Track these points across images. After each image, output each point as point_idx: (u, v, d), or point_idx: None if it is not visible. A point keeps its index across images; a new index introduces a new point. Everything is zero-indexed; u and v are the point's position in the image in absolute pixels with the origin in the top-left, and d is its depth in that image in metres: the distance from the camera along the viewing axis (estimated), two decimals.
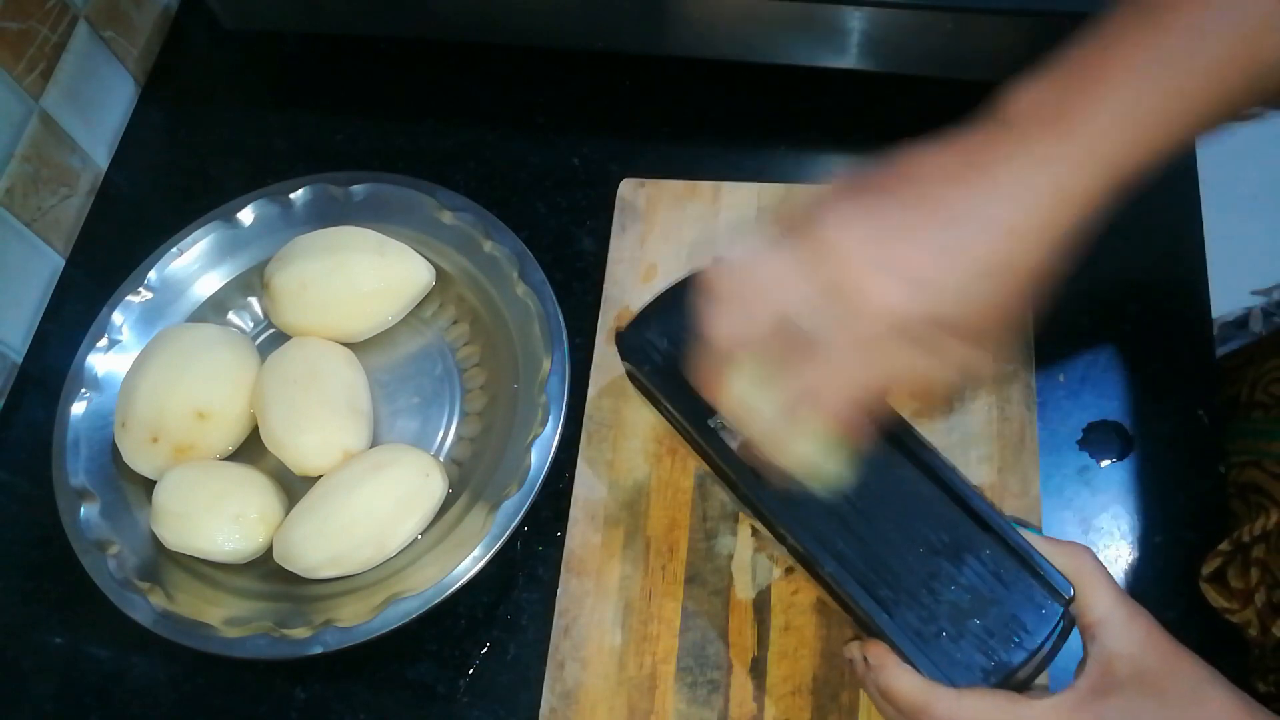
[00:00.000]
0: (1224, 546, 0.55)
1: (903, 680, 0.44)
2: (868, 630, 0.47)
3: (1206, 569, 0.56)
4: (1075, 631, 0.45)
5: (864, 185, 0.43)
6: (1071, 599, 0.44)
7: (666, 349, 0.53)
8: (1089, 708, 0.41)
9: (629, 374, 0.56)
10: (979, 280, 0.41)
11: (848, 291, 0.40)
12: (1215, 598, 0.55)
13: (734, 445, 0.51)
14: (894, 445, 0.49)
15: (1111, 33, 0.42)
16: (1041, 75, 0.42)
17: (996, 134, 0.42)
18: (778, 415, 0.43)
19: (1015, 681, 0.44)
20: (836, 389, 0.42)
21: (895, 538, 0.47)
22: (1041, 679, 0.46)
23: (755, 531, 0.58)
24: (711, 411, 0.51)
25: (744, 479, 0.50)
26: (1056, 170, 0.41)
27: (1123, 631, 0.43)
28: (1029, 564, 0.45)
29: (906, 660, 0.45)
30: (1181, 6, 0.41)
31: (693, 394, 0.51)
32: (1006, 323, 0.43)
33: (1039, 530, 0.49)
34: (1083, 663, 0.43)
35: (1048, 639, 0.44)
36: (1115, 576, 0.49)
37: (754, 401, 0.44)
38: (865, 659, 0.46)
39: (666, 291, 0.54)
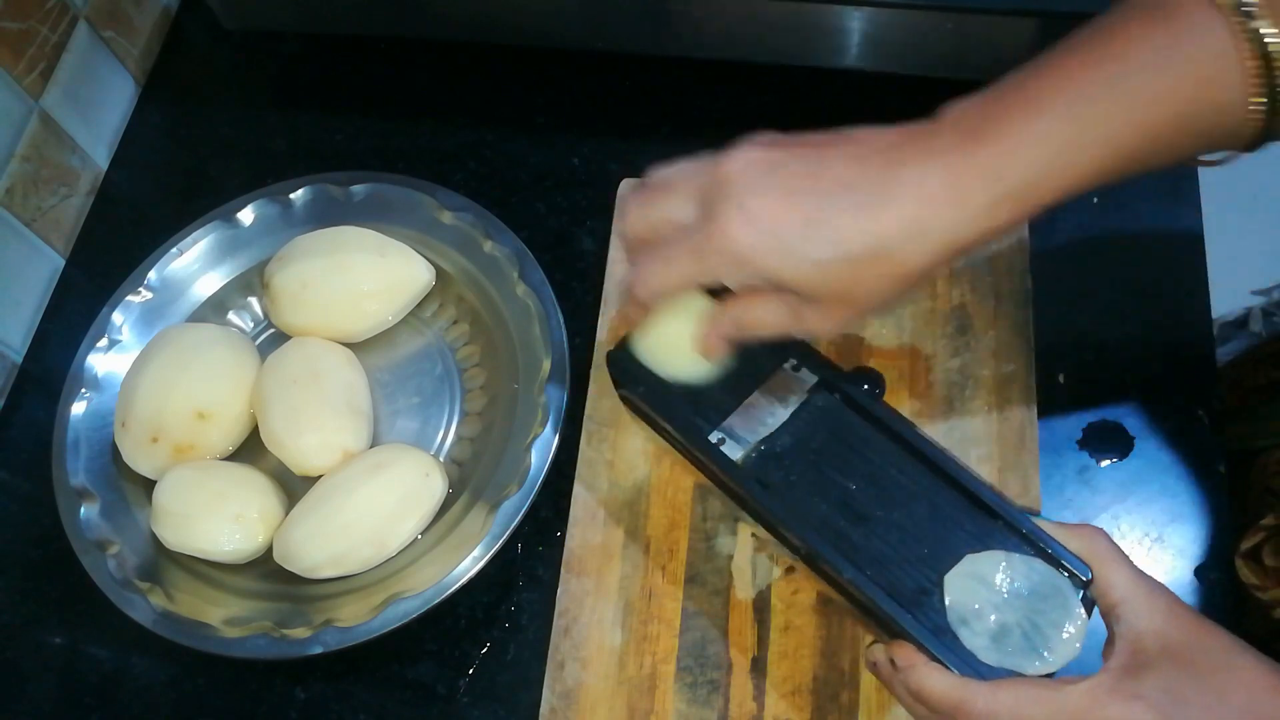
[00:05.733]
0: (1267, 522, 0.55)
1: (934, 679, 0.44)
2: (889, 632, 0.47)
3: (1245, 544, 0.55)
4: (1097, 614, 0.45)
5: (784, 142, 0.44)
6: (1089, 581, 0.44)
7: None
8: (1125, 686, 0.41)
9: (622, 397, 0.56)
10: (836, 259, 0.42)
11: (709, 219, 0.43)
12: (1247, 575, 0.55)
13: (737, 457, 0.51)
14: (897, 443, 0.49)
15: (1053, 59, 0.42)
16: (980, 92, 0.43)
17: (918, 134, 0.42)
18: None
19: None
20: (654, 278, 0.46)
21: (908, 535, 0.47)
22: None
23: (755, 532, 0.58)
24: (712, 426, 0.51)
25: (751, 491, 0.50)
26: (956, 179, 0.41)
27: (1146, 608, 0.43)
28: (1043, 550, 0.45)
29: (934, 659, 0.45)
30: (1125, 40, 0.41)
31: (691, 410, 0.51)
32: (857, 312, 0.43)
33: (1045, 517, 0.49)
34: (1110, 644, 0.43)
35: None
36: None
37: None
38: (892, 661, 0.46)
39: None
